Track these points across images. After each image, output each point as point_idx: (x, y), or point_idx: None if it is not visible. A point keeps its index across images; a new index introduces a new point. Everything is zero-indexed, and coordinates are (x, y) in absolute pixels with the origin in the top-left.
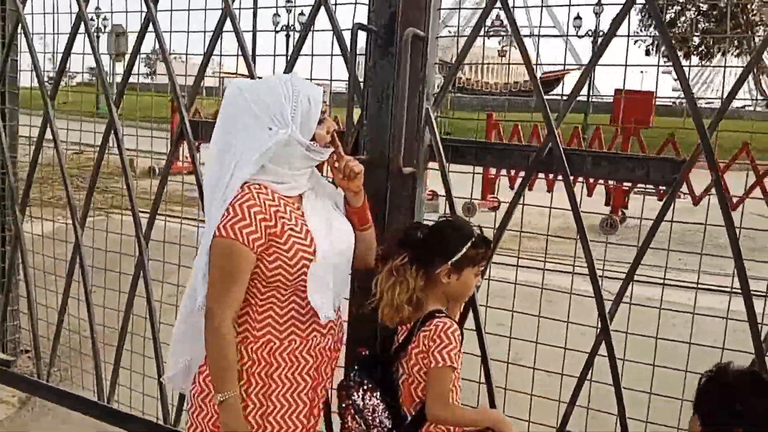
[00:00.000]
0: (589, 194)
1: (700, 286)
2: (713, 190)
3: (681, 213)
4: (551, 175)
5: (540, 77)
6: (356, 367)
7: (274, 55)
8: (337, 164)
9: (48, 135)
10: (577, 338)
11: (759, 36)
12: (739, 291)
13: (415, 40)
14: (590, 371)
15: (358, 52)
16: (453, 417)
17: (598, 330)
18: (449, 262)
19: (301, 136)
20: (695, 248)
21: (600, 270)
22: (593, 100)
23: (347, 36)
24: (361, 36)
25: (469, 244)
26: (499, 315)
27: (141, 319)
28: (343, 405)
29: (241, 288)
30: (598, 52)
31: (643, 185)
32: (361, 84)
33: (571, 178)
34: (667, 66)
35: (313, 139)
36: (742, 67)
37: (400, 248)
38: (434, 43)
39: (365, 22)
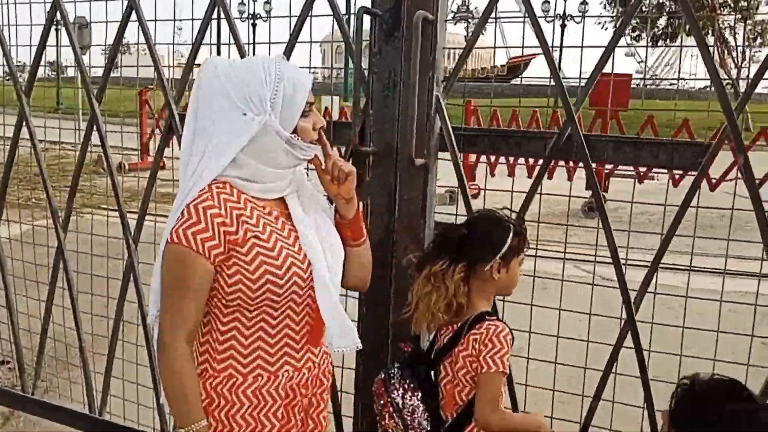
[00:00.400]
0: (569, 178)
1: (701, 268)
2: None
3: (661, 194)
4: (531, 161)
5: (507, 62)
6: (397, 365)
7: (270, 44)
8: (324, 166)
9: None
10: (570, 325)
11: (723, 16)
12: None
13: (424, 23)
14: (615, 364)
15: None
16: (503, 422)
17: (623, 321)
18: (498, 257)
19: (281, 127)
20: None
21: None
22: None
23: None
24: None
25: (512, 233)
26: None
27: (131, 325)
28: (382, 402)
29: (196, 304)
30: (615, 36)
31: (623, 168)
32: (366, 72)
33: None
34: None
35: (296, 132)
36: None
37: (438, 253)
38: (443, 27)
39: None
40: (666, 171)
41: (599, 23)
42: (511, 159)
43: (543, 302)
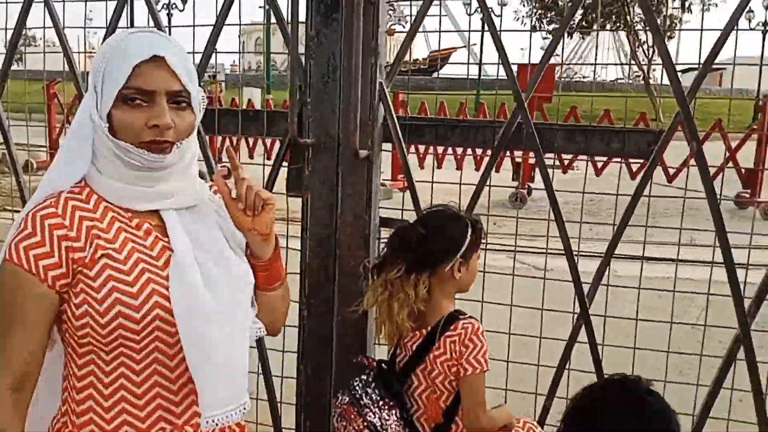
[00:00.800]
0: (497, 170)
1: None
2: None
3: (581, 182)
4: (459, 151)
5: (429, 55)
6: (358, 382)
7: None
8: (234, 192)
9: None
10: (504, 318)
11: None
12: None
13: (366, 4)
14: (569, 360)
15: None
16: (490, 422)
17: (576, 314)
18: (458, 256)
19: (98, 110)
20: (596, 218)
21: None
22: (483, 77)
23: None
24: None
25: (470, 230)
26: None
27: None
28: (355, 427)
29: (28, 339)
30: (560, 28)
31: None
32: (302, 57)
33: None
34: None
35: (110, 122)
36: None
37: (394, 256)
38: (385, 9)
39: None
40: (588, 160)
41: (517, 18)
42: (440, 150)
43: (477, 295)
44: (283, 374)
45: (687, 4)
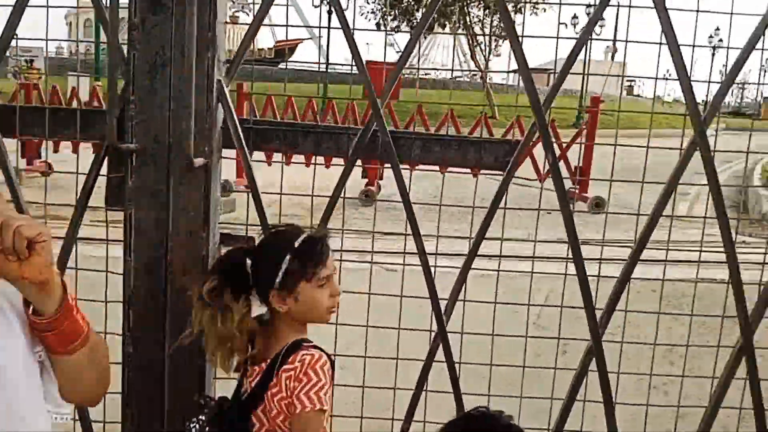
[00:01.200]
0: (327, 166)
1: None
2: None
3: (456, 184)
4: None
5: (274, 46)
6: (195, 424)
7: None
8: None
9: None
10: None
11: (473, 12)
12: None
13: None
14: (426, 381)
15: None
16: None
17: (433, 333)
18: (274, 287)
19: None
20: (437, 214)
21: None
22: (329, 71)
23: None
24: None
25: (287, 257)
26: None
27: None
28: None
29: None
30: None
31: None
32: (125, 48)
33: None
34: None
35: None
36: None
37: (222, 284)
38: None
39: None
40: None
41: (362, 14)
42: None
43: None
44: (105, 419)
45: (518, 7)
